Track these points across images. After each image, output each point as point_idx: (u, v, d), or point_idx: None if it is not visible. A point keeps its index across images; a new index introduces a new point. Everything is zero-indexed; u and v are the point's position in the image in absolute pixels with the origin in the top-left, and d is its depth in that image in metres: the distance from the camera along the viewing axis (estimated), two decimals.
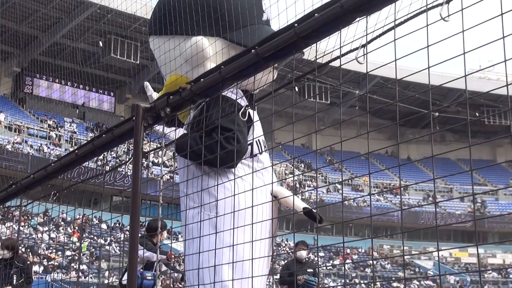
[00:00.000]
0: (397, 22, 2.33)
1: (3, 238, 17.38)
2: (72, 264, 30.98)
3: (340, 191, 53.26)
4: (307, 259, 13.12)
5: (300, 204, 3.66)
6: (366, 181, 55.13)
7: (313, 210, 3.59)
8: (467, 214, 55.19)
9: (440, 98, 53.08)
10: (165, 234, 9.67)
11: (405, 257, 49.56)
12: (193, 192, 3.61)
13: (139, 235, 3.04)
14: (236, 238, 3.28)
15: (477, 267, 47.25)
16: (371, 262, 44.67)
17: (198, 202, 3.57)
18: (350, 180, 55.73)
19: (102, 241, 37.44)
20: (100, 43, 44.65)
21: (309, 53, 2.86)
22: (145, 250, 8.77)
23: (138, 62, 44.46)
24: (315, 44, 2.66)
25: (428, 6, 2.18)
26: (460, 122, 29.59)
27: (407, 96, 43.50)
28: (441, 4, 2.16)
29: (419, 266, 51.88)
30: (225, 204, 3.47)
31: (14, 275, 9.52)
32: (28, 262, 10.19)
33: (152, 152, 4.14)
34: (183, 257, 3.71)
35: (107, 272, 28.68)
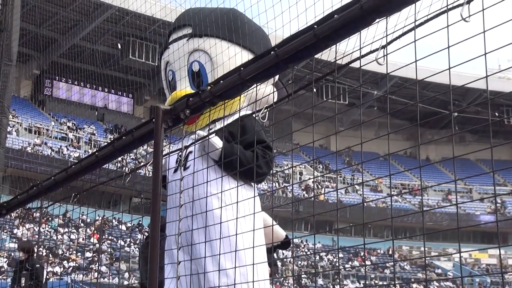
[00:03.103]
0: (417, 23, 2.32)
1: (22, 240, 17.53)
2: (92, 266, 31.17)
3: (359, 192, 53.06)
4: None
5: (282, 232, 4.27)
6: (382, 182, 54.87)
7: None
8: (487, 215, 54.75)
9: (459, 98, 52.72)
10: None
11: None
12: (217, 192, 3.73)
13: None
14: (253, 237, 3.42)
15: (497, 268, 46.94)
16: (391, 263, 44.43)
17: (225, 201, 3.74)
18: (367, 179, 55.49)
19: (122, 243, 37.58)
20: (119, 45, 44.86)
21: (328, 54, 2.86)
22: None
23: (156, 64, 44.56)
24: (335, 45, 2.66)
25: (449, 7, 2.17)
26: (479, 122, 29.40)
27: (428, 97, 43.25)
28: (461, 5, 2.14)
29: (438, 267, 51.53)
30: (245, 207, 3.66)
31: (23, 278, 9.61)
32: (37, 266, 10.28)
33: (172, 153, 4.16)
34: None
35: (126, 273, 28.81)
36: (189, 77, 4.35)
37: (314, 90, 2.95)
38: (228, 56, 4.13)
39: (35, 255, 10.52)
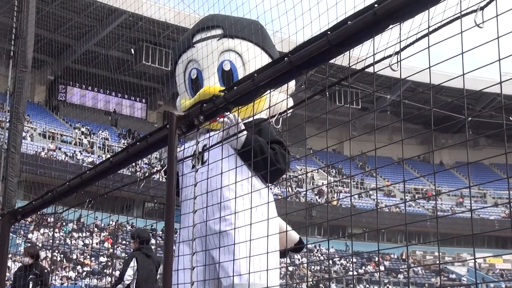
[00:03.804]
0: (431, 29, 2.32)
1: (28, 245, 17.62)
2: (106, 270, 31.24)
3: (372, 197, 52.89)
4: None
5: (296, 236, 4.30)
6: (395, 187, 54.66)
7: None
8: (501, 220, 54.39)
9: (473, 102, 52.45)
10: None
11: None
12: (247, 193, 3.76)
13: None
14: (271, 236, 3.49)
15: None
16: (404, 268, 44.22)
17: (241, 194, 3.82)
18: (382, 185, 55.32)
19: None
20: (132, 50, 45.03)
21: (342, 59, 2.87)
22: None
23: (170, 69, 44.67)
24: (348, 51, 2.66)
25: (463, 13, 2.17)
26: (494, 126, 29.25)
27: (441, 104, 43.06)
28: (475, 11, 2.14)
29: (453, 272, 51.24)
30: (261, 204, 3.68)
31: (31, 282, 9.68)
32: (46, 271, 10.33)
33: (186, 159, 4.18)
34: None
35: None
36: (219, 74, 4.43)
37: (327, 94, 2.96)
38: (260, 61, 4.27)
39: (39, 259, 10.61)
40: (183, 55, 4.68)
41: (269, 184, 3.99)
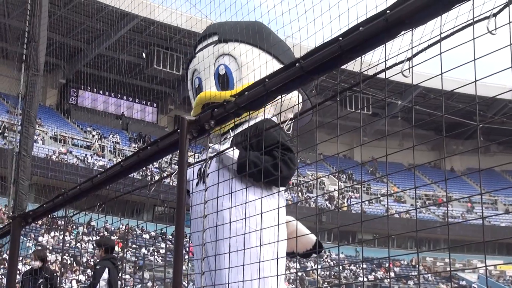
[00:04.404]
0: (443, 35, 2.32)
1: (37, 248, 17.73)
2: None
3: (383, 202, 52.72)
4: None
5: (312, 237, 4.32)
6: (406, 193, 54.48)
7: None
8: None
9: (484, 108, 52.27)
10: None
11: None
12: (237, 204, 3.71)
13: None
14: (275, 249, 3.61)
15: None
16: (415, 275, 44.04)
17: (241, 215, 3.68)
18: (392, 191, 55.15)
19: (145, 251, 37.73)
20: (144, 54, 45.17)
21: (354, 65, 2.86)
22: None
23: (181, 73, 44.79)
24: (360, 56, 2.65)
25: (475, 20, 2.16)
26: (505, 133, 29.15)
27: (452, 110, 42.93)
28: (488, 17, 2.14)
29: (463, 279, 50.99)
30: (270, 218, 3.70)
31: (41, 285, 9.75)
32: (55, 274, 10.40)
33: (197, 164, 4.19)
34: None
35: (150, 282, 28.88)
36: (215, 79, 4.55)
37: (339, 99, 2.95)
38: (252, 57, 4.30)
39: (47, 263, 10.69)
40: (190, 66, 4.86)
41: (281, 190, 3.99)
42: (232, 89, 4.31)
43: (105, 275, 9.15)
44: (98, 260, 9.54)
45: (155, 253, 37.47)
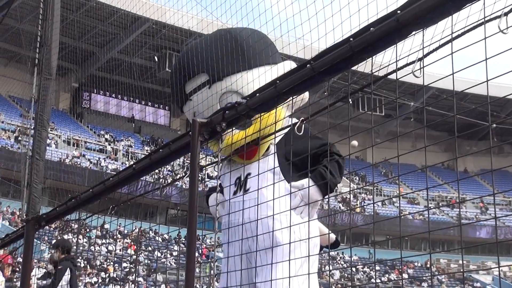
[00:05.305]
0: (454, 35, 2.31)
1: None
2: (129, 277, 31.34)
3: (396, 204, 52.54)
4: None
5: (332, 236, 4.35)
6: (419, 194, 54.26)
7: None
8: None
9: (497, 109, 51.98)
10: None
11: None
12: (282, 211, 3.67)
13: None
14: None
15: None
16: (428, 276, 43.88)
17: (286, 223, 3.61)
18: (404, 192, 54.99)
19: (159, 254, 37.79)
20: (156, 58, 45.27)
21: (365, 66, 2.85)
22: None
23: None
24: (371, 57, 2.65)
25: (486, 19, 2.15)
26: None
27: (465, 110, 42.73)
28: (499, 17, 2.12)
29: (477, 281, 50.71)
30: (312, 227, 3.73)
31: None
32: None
33: (209, 166, 4.18)
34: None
35: (163, 285, 28.92)
36: None
37: (350, 101, 2.94)
38: (252, 79, 3.98)
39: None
40: (184, 107, 4.47)
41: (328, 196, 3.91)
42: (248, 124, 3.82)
43: (66, 277, 9.25)
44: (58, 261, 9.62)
45: (168, 256, 37.51)
